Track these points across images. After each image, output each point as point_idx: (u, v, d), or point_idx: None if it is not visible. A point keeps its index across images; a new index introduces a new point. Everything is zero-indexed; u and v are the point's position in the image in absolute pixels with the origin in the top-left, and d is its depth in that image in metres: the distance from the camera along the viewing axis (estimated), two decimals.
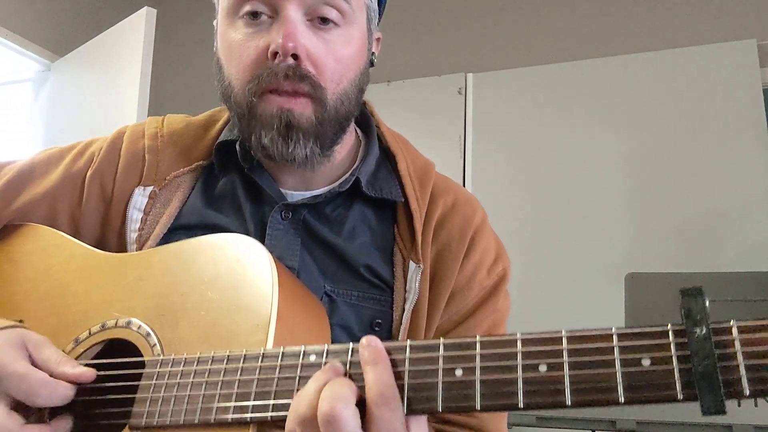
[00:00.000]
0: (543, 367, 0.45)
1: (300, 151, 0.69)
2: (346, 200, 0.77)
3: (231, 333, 0.58)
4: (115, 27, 2.70)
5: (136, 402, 0.58)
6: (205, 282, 0.62)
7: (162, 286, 0.65)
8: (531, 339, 0.46)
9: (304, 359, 0.52)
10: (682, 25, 2.62)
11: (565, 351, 0.45)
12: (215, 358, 0.56)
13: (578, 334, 0.45)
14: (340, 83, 0.70)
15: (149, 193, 0.76)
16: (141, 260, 0.69)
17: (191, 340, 0.59)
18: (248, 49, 0.69)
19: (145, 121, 0.85)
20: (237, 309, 0.59)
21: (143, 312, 0.64)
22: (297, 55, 0.66)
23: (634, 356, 0.43)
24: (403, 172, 0.78)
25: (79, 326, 0.66)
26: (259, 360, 0.54)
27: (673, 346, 0.42)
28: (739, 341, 0.41)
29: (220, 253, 0.64)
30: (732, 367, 0.41)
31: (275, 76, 0.67)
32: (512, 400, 0.45)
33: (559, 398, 0.43)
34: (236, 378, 0.54)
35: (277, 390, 0.52)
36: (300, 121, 0.68)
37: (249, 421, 0.52)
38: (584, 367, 0.44)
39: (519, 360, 0.45)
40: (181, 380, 0.56)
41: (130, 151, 0.80)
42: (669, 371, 0.42)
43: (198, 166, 0.79)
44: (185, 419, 0.54)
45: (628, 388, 0.42)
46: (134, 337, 0.63)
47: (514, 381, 0.45)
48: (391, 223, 0.76)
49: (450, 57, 2.93)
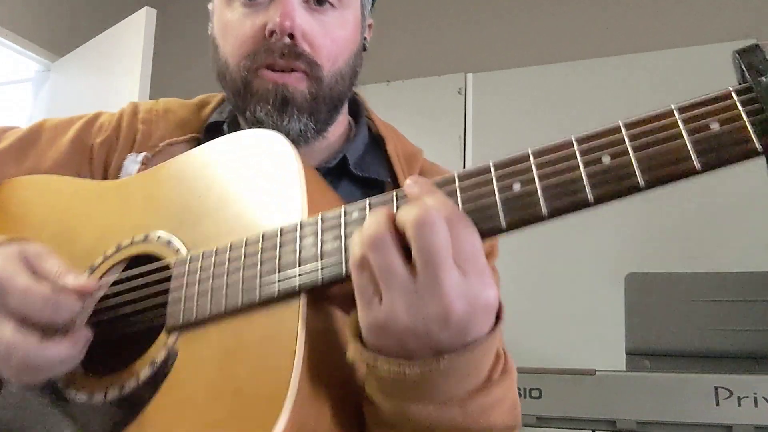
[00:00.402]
0: (606, 159, 0.42)
1: (294, 125, 0.70)
2: (334, 179, 0.76)
3: (258, 218, 0.54)
4: (115, 27, 2.70)
5: (170, 304, 0.54)
6: (224, 180, 0.60)
7: (175, 196, 0.62)
8: (586, 136, 0.43)
9: (346, 217, 0.49)
10: (682, 25, 2.62)
11: (626, 137, 0.42)
12: (249, 241, 0.52)
13: (635, 119, 0.42)
14: (335, 62, 0.71)
15: (141, 159, 0.77)
16: (146, 180, 0.68)
17: (217, 236, 0.56)
18: (244, 27, 0.70)
19: (143, 101, 0.87)
20: (261, 194, 0.56)
21: (160, 224, 0.61)
22: (293, 34, 0.67)
23: (701, 123, 0.41)
24: (392, 153, 0.79)
25: (93, 255, 0.63)
26: (297, 230, 0.50)
27: (740, 104, 0.40)
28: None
29: (232, 147, 0.62)
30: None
31: (271, 53, 0.68)
32: (579, 196, 0.42)
33: (631, 182, 0.41)
34: (276, 253, 0.50)
35: (323, 251, 0.48)
36: (295, 95, 0.69)
37: (299, 289, 0.48)
38: (650, 146, 0.41)
39: (578, 158, 0.43)
40: (216, 270, 0.53)
41: (128, 122, 0.82)
42: (741, 127, 0.40)
43: (192, 138, 0.80)
44: (228, 305, 0.50)
45: (702, 152, 0.40)
46: (154, 248, 0.59)
47: (578, 179, 0.42)
48: None
49: (450, 57, 2.93)
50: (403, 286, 0.42)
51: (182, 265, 0.55)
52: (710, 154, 0.40)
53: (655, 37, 2.62)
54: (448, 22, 3.02)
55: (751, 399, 1.38)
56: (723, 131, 0.40)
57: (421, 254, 0.42)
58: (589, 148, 0.43)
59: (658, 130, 0.42)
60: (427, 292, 0.42)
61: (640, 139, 0.42)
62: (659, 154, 0.41)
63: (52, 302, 0.53)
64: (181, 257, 0.56)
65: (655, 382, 1.47)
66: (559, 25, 2.82)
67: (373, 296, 0.44)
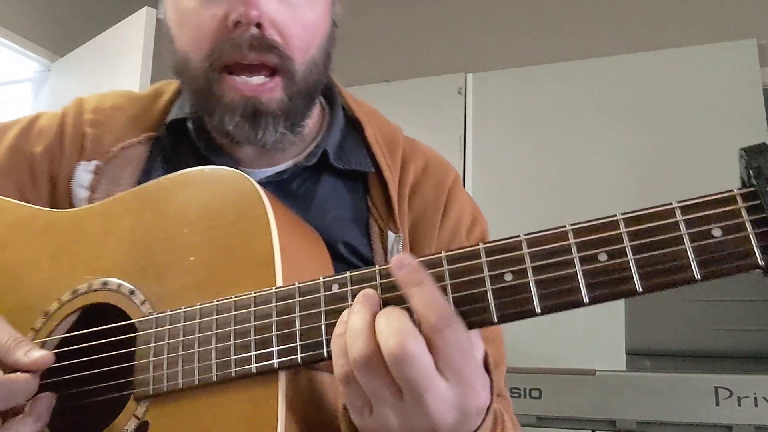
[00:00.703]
0: (603, 257, 0.40)
1: (270, 136, 0.64)
2: (313, 174, 0.71)
3: (230, 276, 0.51)
4: (115, 27, 2.70)
5: (137, 370, 0.51)
6: (186, 224, 0.54)
7: (135, 237, 0.57)
8: (583, 228, 0.41)
9: (325, 291, 0.46)
10: (682, 25, 2.62)
11: (625, 235, 0.40)
12: (220, 308, 0.49)
13: (635, 214, 0.40)
14: (308, 51, 0.65)
15: (93, 168, 0.69)
16: (101, 213, 0.61)
17: (185, 291, 0.52)
18: (204, 17, 0.62)
19: (85, 97, 0.78)
20: (231, 248, 0.52)
21: (119, 269, 0.56)
22: (261, 23, 0.60)
23: (702, 229, 0.39)
24: (371, 139, 0.73)
25: (46, 298, 0.58)
26: (273, 300, 0.48)
27: (744, 211, 0.38)
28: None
29: (196, 189, 0.56)
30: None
31: (238, 47, 0.61)
32: (575, 296, 0.40)
33: (628, 286, 0.39)
34: (250, 324, 0.48)
35: (302, 329, 0.46)
36: (269, 106, 0.63)
37: (277, 367, 0.46)
38: (649, 249, 0.39)
39: (574, 253, 0.41)
40: (185, 338, 0.50)
41: (72, 125, 0.73)
42: (744, 238, 0.38)
43: (147, 138, 0.72)
44: (200, 378, 0.48)
45: (703, 263, 0.38)
46: (115, 298, 0.55)
47: (573, 276, 0.40)
48: (363, 194, 0.71)
49: (450, 57, 2.93)
50: (392, 404, 0.42)
51: (148, 328, 0.52)
52: (711, 265, 0.38)
53: (655, 37, 2.62)
54: (448, 22, 3.02)
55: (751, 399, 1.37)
56: (725, 240, 0.38)
57: (402, 383, 0.41)
58: (585, 243, 0.41)
59: (658, 231, 0.40)
60: (414, 411, 0.42)
61: (640, 240, 0.40)
62: (659, 260, 0.39)
63: (5, 389, 0.48)
64: (146, 319, 0.52)
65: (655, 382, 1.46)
66: (559, 25, 2.82)
67: (363, 407, 0.44)
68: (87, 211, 0.63)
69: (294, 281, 0.49)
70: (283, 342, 0.47)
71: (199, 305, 0.50)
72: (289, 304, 0.47)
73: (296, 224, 0.58)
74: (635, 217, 0.41)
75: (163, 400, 0.50)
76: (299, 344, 0.46)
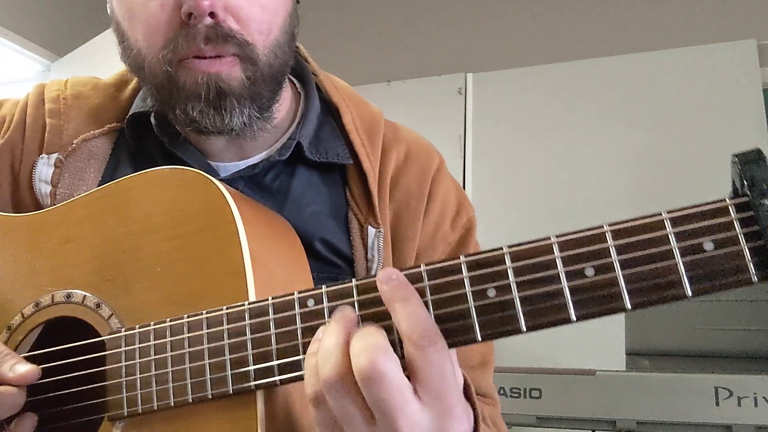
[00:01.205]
0: (590, 271, 0.38)
1: (237, 120, 0.60)
2: (288, 166, 0.67)
3: (200, 289, 0.49)
4: None
5: (109, 390, 0.49)
6: (151, 230, 0.52)
7: (97, 245, 0.54)
8: (569, 240, 0.39)
9: (300, 308, 0.45)
10: (682, 25, 2.62)
11: (612, 248, 0.38)
12: (191, 325, 0.47)
13: (623, 226, 0.39)
14: (269, 34, 0.60)
15: (54, 161, 0.65)
16: (61, 218, 0.58)
17: (154, 304, 0.50)
18: (153, 9, 0.58)
19: (46, 83, 0.73)
20: (199, 258, 0.49)
21: (83, 280, 0.53)
22: (214, 12, 0.56)
23: (694, 242, 0.37)
24: (349, 127, 0.69)
25: (7, 311, 0.55)
26: (246, 317, 0.46)
27: (737, 224, 0.36)
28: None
29: (159, 192, 0.53)
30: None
31: (193, 40, 0.57)
32: (562, 314, 0.38)
33: (617, 303, 0.38)
34: (224, 342, 0.46)
35: (278, 348, 0.44)
36: (231, 84, 0.58)
37: (254, 388, 0.45)
38: (639, 264, 0.37)
39: (560, 267, 0.39)
40: (157, 357, 0.48)
41: (33, 116, 0.69)
42: (737, 252, 0.36)
43: (111, 129, 0.68)
44: (176, 400, 0.47)
45: (694, 279, 0.36)
46: (80, 311, 0.53)
47: (559, 292, 0.39)
48: (341, 186, 0.68)
49: (450, 57, 2.93)
50: (363, 429, 0.40)
51: (118, 346, 0.50)
52: (703, 281, 0.37)
53: (656, 37, 2.62)
54: (448, 22, 3.02)
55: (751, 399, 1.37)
56: (718, 255, 0.36)
57: (374, 406, 0.39)
58: (571, 257, 0.39)
59: (647, 244, 0.38)
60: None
61: (628, 254, 0.38)
62: (648, 276, 0.37)
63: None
64: (115, 336, 0.50)
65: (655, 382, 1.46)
66: (559, 25, 2.82)
67: (334, 431, 0.41)
68: (46, 215, 0.59)
69: (267, 293, 0.47)
70: (260, 361, 0.45)
71: (169, 322, 0.48)
72: (263, 321, 0.45)
73: (268, 226, 0.55)
74: (623, 230, 0.39)
75: (139, 421, 0.49)
76: (276, 364, 0.45)
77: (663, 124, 2.45)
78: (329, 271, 0.63)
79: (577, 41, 2.75)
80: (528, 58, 2.77)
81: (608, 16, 2.76)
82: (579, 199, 2.48)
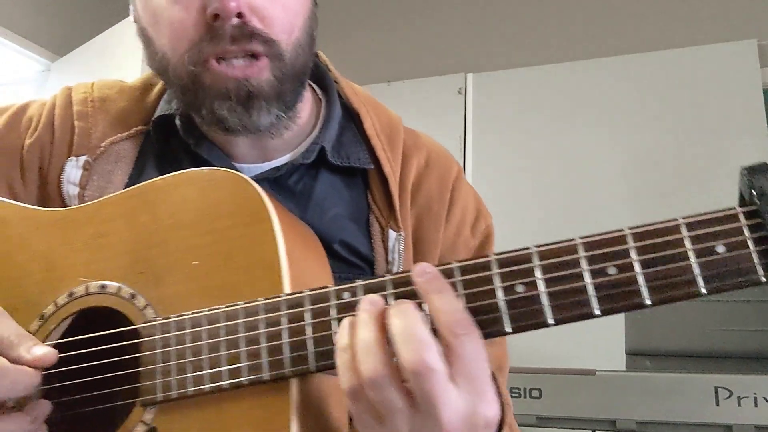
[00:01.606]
0: (612, 270, 0.42)
1: (265, 119, 0.61)
2: (311, 169, 0.68)
3: (234, 281, 0.50)
4: (115, 27, 2.70)
5: (143, 376, 0.50)
6: (184, 226, 0.53)
7: (130, 239, 0.55)
8: (592, 242, 0.43)
9: (336, 300, 0.46)
10: (682, 25, 2.62)
11: (633, 250, 0.42)
12: (229, 314, 0.49)
13: (642, 230, 0.42)
14: (292, 33, 0.62)
15: (83, 164, 0.67)
16: (93, 214, 0.59)
17: (187, 295, 0.51)
18: (178, 12, 0.59)
19: (73, 86, 0.75)
20: (233, 252, 0.51)
21: (116, 273, 0.54)
22: (241, 12, 0.57)
23: (707, 245, 0.41)
24: (370, 132, 0.70)
25: (39, 301, 0.56)
26: (283, 308, 0.47)
27: (747, 230, 0.40)
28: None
29: (191, 191, 0.55)
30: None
31: (220, 40, 0.58)
32: (586, 308, 0.42)
33: (637, 299, 0.41)
34: (261, 331, 0.47)
35: (315, 337, 0.46)
36: (260, 87, 0.60)
37: (290, 375, 0.46)
38: (656, 264, 0.41)
39: (584, 266, 0.42)
40: (193, 345, 0.49)
41: (61, 117, 0.70)
42: (746, 255, 0.40)
43: (138, 132, 0.70)
44: (211, 386, 0.48)
45: (708, 278, 0.40)
46: (114, 302, 0.54)
47: (583, 289, 0.42)
48: (363, 190, 0.69)
49: (450, 57, 2.93)
50: (405, 415, 0.42)
51: (153, 333, 0.51)
52: (716, 280, 0.41)
53: (656, 37, 2.62)
54: (448, 22, 3.02)
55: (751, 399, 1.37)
56: (729, 257, 0.40)
57: (419, 395, 0.41)
58: (595, 257, 0.43)
59: (665, 246, 0.42)
60: (425, 422, 0.41)
61: (648, 255, 0.42)
62: (666, 275, 0.41)
63: (8, 378, 0.47)
64: (151, 324, 0.51)
65: (655, 382, 1.46)
66: (559, 25, 2.82)
67: (374, 422, 0.43)
68: (78, 211, 0.61)
69: (300, 287, 0.48)
70: (296, 350, 0.47)
71: (206, 311, 0.50)
72: (299, 312, 0.47)
73: (296, 226, 0.57)
74: (643, 233, 0.42)
75: (171, 406, 0.50)
76: (311, 352, 0.46)
77: (663, 124, 2.45)
78: (349, 271, 0.65)
79: (577, 41, 2.75)
80: (528, 58, 2.77)
81: (608, 16, 2.76)
82: (578, 198, 2.48)
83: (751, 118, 2.34)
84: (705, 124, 2.39)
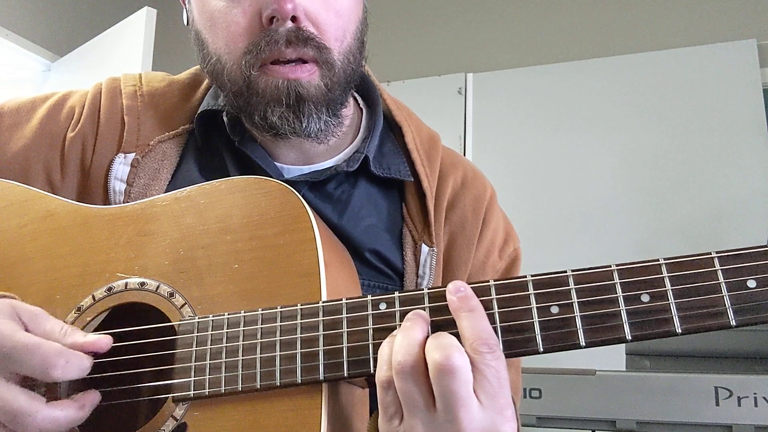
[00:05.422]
0: (645, 297, 0.43)
1: (314, 125, 0.63)
2: (350, 177, 0.69)
3: (273, 286, 0.52)
4: (115, 27, 2.70)
5: (177, 372, 0.51)
6: (229, 231, 0.55)
7: (174, 240, 0.57)
8: (628, 269, 0.44)
9: (373, 309, 0.48)
10: (682, 25, 2.62)
11: (667, 279, 0.43)
12: (265, 317, 0.50)
13: (677, 260, 0.44)
14: (344, 40, 0.63)
15: (131, 161, 0.68)
16: (138, 213, 0.60)
17: (226, 297, 0.53)
18: (235, 16, 0.61)
19: (120, 76, 0.75)
20: (275, 258, 0.53)
21: (157, 270, 0.56)
22: (296, 16, 0.59)
23: (739, 279, 0.42)
24: (411, 146, 0.72)
25: (78, 292, 0.57)
26: (320, 314, 0.49)
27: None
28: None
29: (240, 198, 0.57)
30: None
31: (275, 43, 0.59)
32: (618, 333, 0.43)
33: (668, 327, 0.43)
34: (297, 336, 0.49)
35: (349, 346, 0.47)
36: (309, 91, 0.61)
37: (323, 380, 0.48)
38: (690, 294, 0.43)
39: (618, 291, 0.44)
40: (228, 344, 0.50)
41: (108, 109, 0.70)
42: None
43: (184, 131, 0.71)
44: (244, 386, 0.49)
45: (738, 311, 0.42)
46: (153, 299, 0.55)
47: (617, 314, 0.43)
48: (399, 203, 0.70)
49: (450, 57, 2.93)
50: (423, 416, 0.43)
51: (190, 331, 0.52)
52: (747, 313, 0.42)
53: (656, 37, 2.62)
54: (448, 22, 3.02)
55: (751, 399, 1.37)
56: (759, 292, 0.42)
57: (441, 396, 0.43)
58: (629, 284, 0.44)
59: (698, 278, 0.43)
60: (444, 426, 0.43)
61: (681, 285, 0.43)
62: (698, 305, 0.43)
63: (64, 359, 0.48)
64: (188, 322, 0.53)
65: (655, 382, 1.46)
66: (559, 25, 2.82)
67: (395, 415, 0.45)
68: (123, 209, 0.62)
69: (336, 296, 0.50)
70: (331, 357, 0.48)
71: (243, 313, 0.51)
72: (336, 320, 0.49)
73: (332, 239, 0.59)
74: (677, 263, 0.44)
75: (203, 403, 0.51)
76: (346, 360, 0.48)
77: (663, 124, 2.45)
78: (377, 279, 0.66)
79: (577, 41, 2.75)
80: (528, 58, 2.77)
81: (608, 16, 2.76)
82: (578, 198, 2.48)
83: (751, 118, 2.34)
84: (705, 124, 2.39)
